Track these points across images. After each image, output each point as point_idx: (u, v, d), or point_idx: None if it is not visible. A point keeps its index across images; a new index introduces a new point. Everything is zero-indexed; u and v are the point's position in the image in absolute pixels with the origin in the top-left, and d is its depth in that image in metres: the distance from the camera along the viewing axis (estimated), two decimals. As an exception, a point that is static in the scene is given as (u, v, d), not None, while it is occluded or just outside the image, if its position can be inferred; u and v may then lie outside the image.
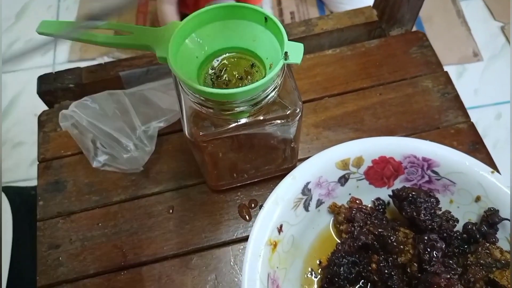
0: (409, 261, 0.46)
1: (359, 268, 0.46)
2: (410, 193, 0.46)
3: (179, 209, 0.54)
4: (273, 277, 0.45)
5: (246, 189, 0.55)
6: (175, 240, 0.53)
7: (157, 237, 0.53)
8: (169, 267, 0.51)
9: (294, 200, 0.47)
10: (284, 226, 0.46)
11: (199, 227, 0.53)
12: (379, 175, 0.50)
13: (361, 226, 0.47)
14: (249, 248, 0.44)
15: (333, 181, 0.49)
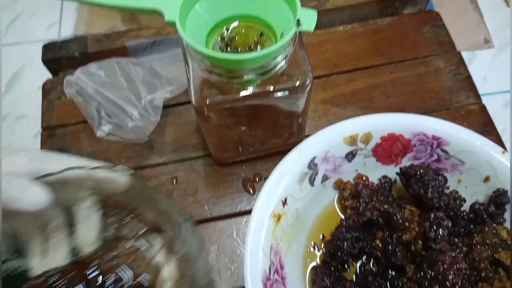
0: (413, 238, 0.45)
1: (363, 244, 0.46)
2: (418, 171, 0.46)
3: (182, 181, 0.54)
4: (276, 249, 0.44)
5: (251, 163, 0.55)
6: (178, 211, 0.52)
7: (160, 207, 0.53)
8: (171, 237, 0.51)
9: (300, 174, 0.46)
10: (289, 200, 0.46)
11: (202, 199, 0.53)
12: (387, 153, 0.49)
13: (367, 202, 0.46)
14: (252, 219, 0.43)
15: (340, 156, 0.48)
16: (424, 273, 0.42)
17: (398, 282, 0.44)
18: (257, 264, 0.42)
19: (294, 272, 0.46)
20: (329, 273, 0.46)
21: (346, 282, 0.45)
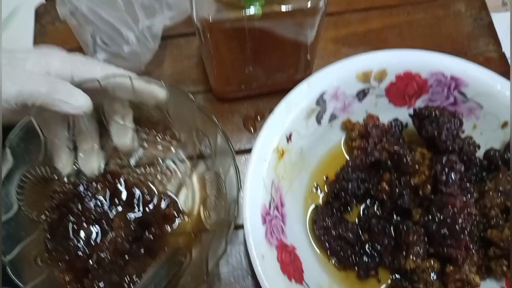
0: (422, 183, 0.43)
1: (368, 186, 0.43)
2: (433, 112, 0.43)
3: (181, 115, 0.51)
4: (277, 186, 0.42)
5: (253, 100, 0.51)
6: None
7: (156, 142, 0.50)
8: (167, 172, 0.49)
9: (307, 110, 0.43)
10: (294, 136, 0.43)
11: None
12: (400, 93, 0.46)
13: (376, 142, 0.43)
14: (255, 151, 0.41)
15: (351, 94, 0.45)
16: (433, 216, 0.40)
17: (402, 226, 0.42)
18: (257, 196, 0.39)
19: (294, 211, 0.44)
20: (331, 213, 0.44)
21: (347, 223, 0.44)
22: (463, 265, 0.39)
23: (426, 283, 0.39)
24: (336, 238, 0.43)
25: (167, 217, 0.44)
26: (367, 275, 0.43)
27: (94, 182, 0.44)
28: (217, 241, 0.39)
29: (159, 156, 0.47)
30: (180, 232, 0.44)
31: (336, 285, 0.42)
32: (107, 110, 0.45)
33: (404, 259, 0.41)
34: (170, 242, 0.43)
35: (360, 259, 0.43)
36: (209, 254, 0.38)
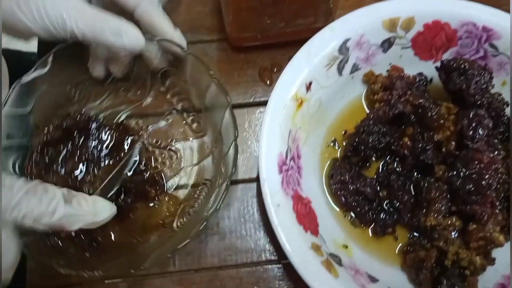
0: (446, 139, 0.41)
1: (389, 140, 0.41)
2: (463, 64, 0.40)
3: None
4: (294, 136, 0.40)
5: (270, 51, 0.49)
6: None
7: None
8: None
9: (329, 57, 0.41)
10: (313, 85, 0.41)
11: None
12: (427, 45, 0.43)
13: (400, 95, 0.41)
14: (273, 97, 0.38)
15: (375, 44, 0.43)
16: (457, 172, 0.38)
17: (423, 183, 0.40)
18: (273, 144, 0.38)
19: (310, 165, 0.42)
20: (349, 168, 0.42)
21: (366, 178, 0.42)
22: (487, 223, 0.37)
23: (447, 241, 0.38)
24: (353, 193, 0.41)
25: (147, 195, 0.43)
26: (384, 232, 0.41)
27: (108, 127, 0.44)
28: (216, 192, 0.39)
29: (175, 137, 0.46)
30: (152, 213, 0.43)
31: (351, 241, 0.41)
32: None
33: (424, 216, 0.39)
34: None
35: (377, 215, 0.41)
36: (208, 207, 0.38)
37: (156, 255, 0.38)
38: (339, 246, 0.40)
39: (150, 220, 0.43)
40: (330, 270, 0.35)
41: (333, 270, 0.36)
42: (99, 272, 0.36)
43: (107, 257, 0.39)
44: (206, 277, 0.42)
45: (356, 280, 0.37)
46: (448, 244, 0.38)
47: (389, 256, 0.41)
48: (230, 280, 0.42)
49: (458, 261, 0.38)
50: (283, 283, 0.42)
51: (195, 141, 0.46)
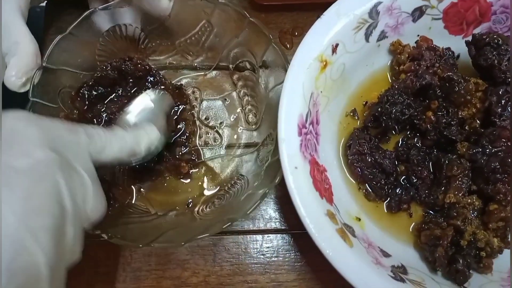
0: (471, 116, 0.39)
1: (414, 112, 0.39)
2: (496, 38, 0.38)
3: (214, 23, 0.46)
4: (316, 100, 0.38)
5: (292, 13, 0.47)
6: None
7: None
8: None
9: (358, 20, 0.39)
10: (339, 48, 0.39)
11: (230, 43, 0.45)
12: (459, 18, 0.41)
13: (428, 66, 0.39)
14: (297, 55, 0.36)
15: (406, 12, 0.41)
16: (483, 149, 0.36)
17: (445, 159, 0.38)
18: (295, 104, 0.35)
19: (328, 132, 0.40)
20: (368, 139, 0.40)
21: (385, 151, 0.40)
22: (509, 204, 0.36)
23: (465, 220, 0.36)
24: (370, 165, 0.40)
25: (179, 168, 0.41)
26: (399, 208, 0.40)
27: (164, 86, 0.42)
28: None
29: (226, 121, 0.45)
30: (178, 188, 0.42)
31: (364, 214, 0.39)
32: None
33: (443, 193, 0.38)
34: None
35: (393, 190, 0.40)
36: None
37: (169, 235, 0.36)
38: (352, 218, 0.38)
39: (174, 195, 0.41)
40: (344, 239, 0.34)
41: (348, 240, 0.34)
42: (107, 233, 0.34)
43: (120, 221, 0.37)
44: (210, 241, 0.41)
45: (370, 252, 0.35)
46: (466, 224, 0.36)
47: (403, 232, 0.39)
48: (235, 245, 0.41)
49: (474, 242, 0.36)
50: (291, 253, 0.41)
51: (245, 132, 0.44)
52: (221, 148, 0.43)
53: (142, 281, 0.39)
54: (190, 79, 0.45)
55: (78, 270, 0.39)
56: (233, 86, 0.45)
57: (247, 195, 0.37)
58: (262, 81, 0.42)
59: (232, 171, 0.42)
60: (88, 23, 0.40)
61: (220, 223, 0.35)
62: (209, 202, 0.40)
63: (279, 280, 0.40)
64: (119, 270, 0.39)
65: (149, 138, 0.35)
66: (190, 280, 0.40)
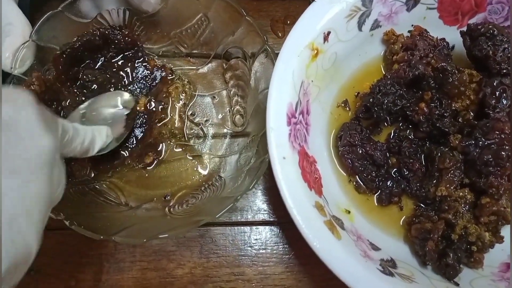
0: (465, 108, 0.39)
1: (406, 103, 0.39)
2: (491, 29, 0.38)
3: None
4: (306, 89, 0.37)
5: (285, 2, 0.46)
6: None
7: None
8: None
9: (351, 8, 0.38)
10: (331, 36, 0.38)
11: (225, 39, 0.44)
12: (454, 8, 0.41)
13: (422, 56, 0.38)
14: (288, 41, 0.35)
15: (401, 0, 0.39)
16: (476, 141, 0.36)
17: (437, 152, 0.38)
18: (284, 93, 0.35)
19: (319, 123, 0.39)
20: (360, 130, 0.39)
21: (376, 142, 0.39)
22: (501, 198, 0.35)
23: (456, 213, 0.36)
24: (361, 157, 0.39)
25: (141, 157, 0.41)
26: (390, 201, 0.39)
27: (156, 68, 0.42)
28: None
29: (212, 119, 0.43)
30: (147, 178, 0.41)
31: (354, 207, 0.38)
32: None
33: (435, 186, 0.37)
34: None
35: (383, 183, 0.39)
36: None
37: (134, 230, 0.35)
38: (341, 211, 0.37)
39: (152, 188, 0.40)
40: (332, 231, 0.33)
41: (336, 232, 0.33)
42: (70, 220, 0.33)
43: (86, 210, 0.36)
44: (197, 232, 0.40)
45: (358, 245, 0.34)
46: (457, 217, 0.36)
47: (393, 226, 0.39)
48: (222, 237, 0.40)
49: (465, 236, 0.36)
50: (279, 246, 0.40)
51: (229, 133, 0.43)
52: (203, 146, 0.42)
53: (126, 272, 0.39)
54: (181, 71, 0.44)
55: (60, 261, 0.39)
56: (224, 84, 0.43)
57: (221, 198, 0.36)
58: (252, 82, 0.41)
59: (212, 171, 0.41)
60: (76, 6, 0.39)
61: (187, 225, 0.34)
62: (183, 200, 0.39)
63: (266, 273, 0.39)
64: (102, 261, 0.39)
65: (103, 141, 0.36)
66: (175, 271, 0.39)
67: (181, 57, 0.43)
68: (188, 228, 0.34)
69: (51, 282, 0.38)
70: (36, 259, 0.39)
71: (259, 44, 0.39)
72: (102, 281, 0.38)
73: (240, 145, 0.41)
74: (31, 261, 0.24)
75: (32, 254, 0.24)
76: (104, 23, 0.40)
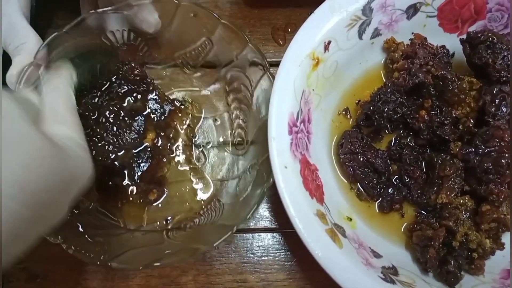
0: (465, 115, 0.39)
1: (406, 111, 0.39)
2: (491, 36, 0.38)
3: (201, 16, 0.45)
4: (307, 98, 0.37)
5: (285, 9, 0.46)
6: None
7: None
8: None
9: (351, 17, 0.38)
10: (332, 45, 0.38)
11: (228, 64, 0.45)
12: (454, 16, 0.41)
13: (422, 64, 0.39)
14: (289, 51, 0.36)
15: (400, 9, 0.40)
16: (475, 149, 0.36)
17: (437, 159, 0.38)
18: (285, 103, 0.35)
19: (320, 131, 0.40)
20: (361, 138, 0.40)
21: (377, 150, 0.40)
22: (502, 205, 0.36)
23: (457, 220, 0.36)
24: (362, 164, 0.39)
25: (146, 194, 0.40)
26: (391, 208, 0.39)
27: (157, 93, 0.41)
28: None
29: (213, 142, 0.43)
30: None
31: (355, 214, 0.39)
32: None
33: (436, 193, 0.37)
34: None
35: (385, 190, 0.39)
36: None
37: (131, 255, 0.34)
38: (343, 218, 0.38)
39: (155, 211, 0.40)
40: (334, 239, 0.33)
41: (337, 240, 0.34)
42: (70, 246, 0.33)
43: (84, 232, 0.35)
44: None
45: (360, 253, 0.35)
46: (458, 224, 0.36)
47: (394, 233, 0.39)
48: (224, 244, 0.40)
49: (466, 243, 0.36)
50: (281, 252, 0.40)
51: (230, 156, 0.42)
52: (203, 168, 0.42)
53: (131, 280, 0.39)
54: (184, 93, 0.44)
55: (65, 268, 0.40)
56: (227, 107, 0.43)
57: (218, 225, 0.36)
58: (254, 106, 0.41)
59: (212, 195, 0.41)
60: (83, 26, 0.38)
61: (184, 252, 0.34)
62: (181, 224, 0.39)
63: (269, 280, 0.40)
64: (107, 268, 0.39)
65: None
66: (179, 279, 0.39)
67: (184, 79, 0.44)
68: (185, 256, 0.34)
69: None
70: (41, 266, 0.39)
71: (261, 71, 0.39)
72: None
73: (240, 169, 0.41)
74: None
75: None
76: (108, 44, 0.40)
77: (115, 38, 0.40)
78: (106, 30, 0.39)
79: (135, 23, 0.39)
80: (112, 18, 0.39)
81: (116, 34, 0.39)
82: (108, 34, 0.39)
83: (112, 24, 0.39)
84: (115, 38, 0.40)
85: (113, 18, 0.39)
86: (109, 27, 0.39)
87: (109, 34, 0.39)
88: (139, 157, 0.40)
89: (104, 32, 0.39)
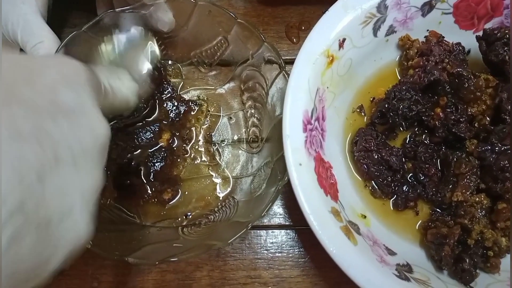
0: (481, 113, 0.39)
1: (422, 109, 0.39)
2: (507, 34, 0.37)
3: (215, 14, 0.46)
4: (321, 96, 0.38)
5: (299, 7, 0.46)
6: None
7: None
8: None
9: (366, 15, 0.38)
10: (347, 43, 0.38)
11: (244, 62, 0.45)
12: (470, 12, 0.41)
13: (437, 61, 0.39)
14: (304, 49, 0.36)
15: (416, 5, 0.40)
16: (492, 147, 0.36)
17: (453, 157, 0.38)
18: (300, 100, 0.35)
19: (334, 129, 0.40)
20: (375, 135, 0.39)
21: (392, 148, 0.40)
22: (518, 203, 0.35)
23: (473, 218, 0.36)
24: (377, 162, 0.39)
25: (160, 194, 0.41)
26: (405, 205, 0.39)
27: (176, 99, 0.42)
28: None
29: (227, 139, 0.44)
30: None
31: (370, 212, 0.39)
32: None
33: (451, 191, 0.37)
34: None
35: (399, 187, 0.39)
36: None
37: (147, 250, 0.35)
38: (357, 215, 0.38)
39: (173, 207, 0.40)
40: (349, 236, 0.33)
41: (352, 237, 0.34)
42: (88, 242, 0.32)
43: (103, 227, 0.36)
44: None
45: (374, 250, 0.35)
46: (473, 222, 0.36)
47: (409, 231, 0.39)
48: (238, 240, 0.41)
49: (482, 241, 0.36)
50: (295, 249, 0.40)
51: (244, 154, 0.43)
52: (219, 166, 0.42)
53: (146, 275, 0.40)
54: (199, 91, 0.44)
55: (82, 262, 0.40)
56: (241, 105, 0.44)
57: (233, 222, 0.37)
58: (269, 105, 0.41)
59: (227, 192, 0.41)
60: (101, 25, 0.39)
61: (199, 248, 0.34)
62: (196, 221, 0.39)
63: (282, 276, 0.40)
64: (124, 263, 0.40)
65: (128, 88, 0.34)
66: (193, 274, 0.40)
67: (199, 77, 0.44)
68: (199, 252, 0.34)
69: (74, 283, 0.40)
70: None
71: (276, 70, 0.39)
72: (123, 283, 0.39)
73: (254, 167, 0.41)
74: (85, 245, 0.25)
75: (87, 241, 0.25)
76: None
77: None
78: (123, 30, 0.40)
79: (151, 23, 0.40)
80: (128, 17, 0.39)
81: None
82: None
83: (128, 22, 0.39)
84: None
85: (129, 17, 0.40)
86: (126, 26, 0.39)
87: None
88: (154, 157, 0.41)
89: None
